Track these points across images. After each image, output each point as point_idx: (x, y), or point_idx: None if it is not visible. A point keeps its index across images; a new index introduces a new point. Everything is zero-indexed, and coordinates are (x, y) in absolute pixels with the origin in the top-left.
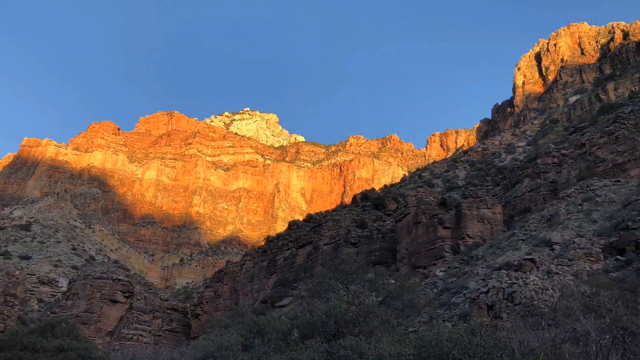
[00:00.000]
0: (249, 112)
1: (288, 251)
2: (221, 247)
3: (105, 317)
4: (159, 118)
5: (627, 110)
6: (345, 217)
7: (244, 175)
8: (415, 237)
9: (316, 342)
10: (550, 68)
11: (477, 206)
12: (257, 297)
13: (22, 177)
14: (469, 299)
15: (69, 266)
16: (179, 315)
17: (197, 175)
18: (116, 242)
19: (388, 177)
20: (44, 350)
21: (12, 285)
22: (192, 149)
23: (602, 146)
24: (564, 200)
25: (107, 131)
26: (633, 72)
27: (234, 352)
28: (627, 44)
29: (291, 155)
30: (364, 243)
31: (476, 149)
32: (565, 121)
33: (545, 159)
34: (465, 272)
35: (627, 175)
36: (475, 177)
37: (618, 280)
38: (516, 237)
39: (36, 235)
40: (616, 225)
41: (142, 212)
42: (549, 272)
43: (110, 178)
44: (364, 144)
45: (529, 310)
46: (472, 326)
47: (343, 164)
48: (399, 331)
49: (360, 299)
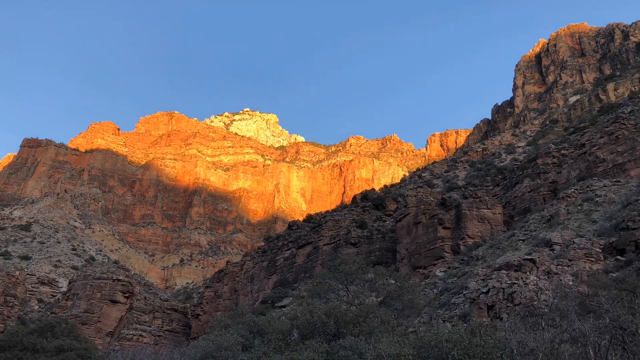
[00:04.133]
0: (249, 112)
1: (288, 251)
2: (221, 247)
3: (105, 318)
4: (159, 118)
5: (627, 110)
6: (345, 217)
7: (244, 175)
8: (415, 237)
9: (316, 342)
10: (550, 68)
11: (477, 206)
12: (257, 298)
13: (22, 177)
14: (469, 299)
15: (69, 266)
16: (179, 316)
17: (197, 175)
18: (116, 243)
19: (388, 178)
20: (44, 350)
21: (12, 286)
22: (192, 149)
23: (602, 146)
24: (564, 201)
25: (107, 131)
26: (633, 72)
27: (233, 352)
28: (627, 44)
29: (291, 156)
30: (364, 243)
31: (476, 149)
32: (565, 121)
33: (545, 159)
34: (465, 273)
35: (627, 175)
36: (475, 177)
37: (618, 281)
38: (516, 237)
39: (36, 235)
40: (616, 225)
41: (142, 212)
42: (549, 273)
43: (110, 178)
44: (364, 144)
45: (529, 311)
46: (471, 326)
47: (343, 164)
48: (399, 331)
49: (360, 299)
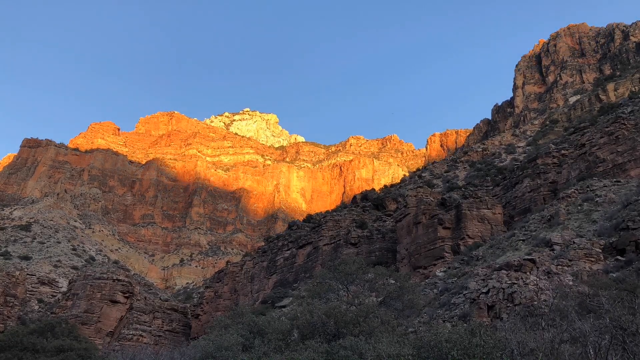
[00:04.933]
0: (249, 113)
1: (288, 251)
2: (221, 247)
3: (105, 318)
4: (159, 118)
5: (627, 111)
6: (345, 217)
7: (244, 175)
8: (415, 237)
9: (316, 342)
10: (550, 68)
11: (477, 206)
12: (257, 298)
13: (22, 177)
14: (469, 300)
15: (69, 266)
16: (179, 316)
17: (197, 175)
18: (116, 243)
19: (388, 178)
20: (44, 350)
21: (12, 286)
22: (192, 149)
23: (602, 146)
24: (564, 201)
25: (107, 131)
26: (633, 72)
27: (233, 352)
28: (627, 44)
29: (291, 156)
30: (364, 243)
31: (476, 149)
32: (565, 121)
33: (545, 159)
34: (465, 273)
35: (627, 175)
36: (475, 177)
37: (618, 281)
38: (516, 238)
39: (36, 235)
40: (616, 225)
41: (142, 212)
42: (549, 273)
43: (110, 178)
44: (364, 144)
45: (529, 311)
46: (471, 327)
47: (343, 164)
48: (399, 332)
49: (360, 300)
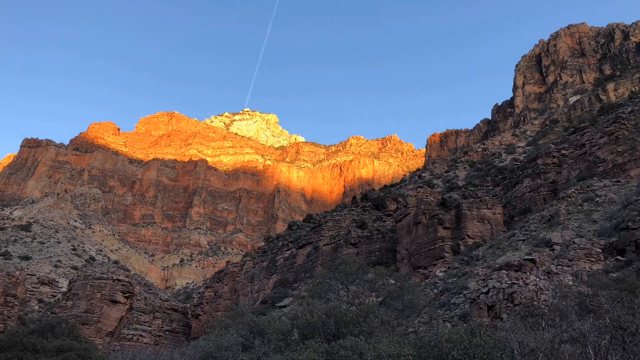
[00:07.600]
0: (249, 113)
1: (288, 251)
2: (221, 247)
3: (105, 318)
4: (159, 118)
5: (627, 111)
6: (346, 217)
7: (244, 175)
8: (415, 237)
9: (316, 342)
10: (550, 68)
11: (477, 206)
12: (257, 298)
13: (22, 177)
14: (469, 300)
15: (69, 266)
16: (179, 316)
17: (197, 175)
18: (116, 243)
19: (388, 177)
20: (44, 350)
21: (12, 286)
22: (192, 149)
23: (602, 146)
24: (564, 201)
25: (107, 131)
26: (633, 72)
27: (233, 352)
28: (627, 44)
29: (291, 156)
30: (364, 243)
31: (476, 149)
32: (565, 121)
33: (545, 159)
34: (465, 273)
35: (627, 175)
36: (475, 177)
37: (618, 281)
38: (516, 238)
39: (36, 235)
40: (616, 225)
41: (142, 212)
42: (549, 273)
43: (110, 178)
44: (364, 144)
45: (529, 311)
46: (471, 327)
47: (343, 165)
48: (399, 332)
49: (360, 300)
